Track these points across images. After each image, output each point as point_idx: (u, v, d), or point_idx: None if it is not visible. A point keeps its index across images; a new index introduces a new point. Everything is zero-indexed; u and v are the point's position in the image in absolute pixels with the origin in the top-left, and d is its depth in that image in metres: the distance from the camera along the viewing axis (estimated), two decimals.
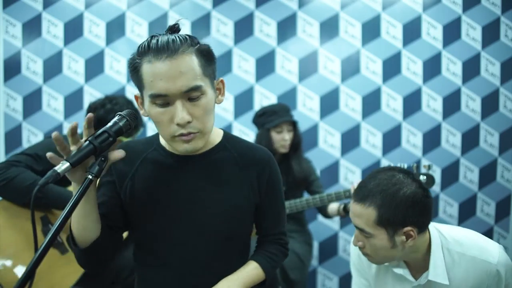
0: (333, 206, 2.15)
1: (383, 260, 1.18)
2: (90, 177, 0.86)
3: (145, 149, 1.08)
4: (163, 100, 0.92)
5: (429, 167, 1.71)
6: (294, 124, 2.23)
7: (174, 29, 0.97)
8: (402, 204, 1.08)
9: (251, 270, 1.11)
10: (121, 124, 0.91)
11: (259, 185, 1.09)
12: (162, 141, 1.08)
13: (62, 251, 1.66)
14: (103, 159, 0.88)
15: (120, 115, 0.92)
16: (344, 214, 2.07)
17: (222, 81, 1.03)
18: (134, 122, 0.94)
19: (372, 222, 1.10)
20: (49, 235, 0.78)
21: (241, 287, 1.06)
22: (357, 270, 1.38)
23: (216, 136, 1.10)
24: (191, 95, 0.92)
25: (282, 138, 2.18)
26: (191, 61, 0.91)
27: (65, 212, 0.81)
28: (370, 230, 1.11)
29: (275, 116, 2.18)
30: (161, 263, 1.07)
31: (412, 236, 1.10)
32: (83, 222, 0.95)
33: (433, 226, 1.20)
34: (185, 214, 1.04)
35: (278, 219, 1.17)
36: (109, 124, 0.90)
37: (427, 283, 1.18)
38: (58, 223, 0.80)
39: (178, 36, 0.93)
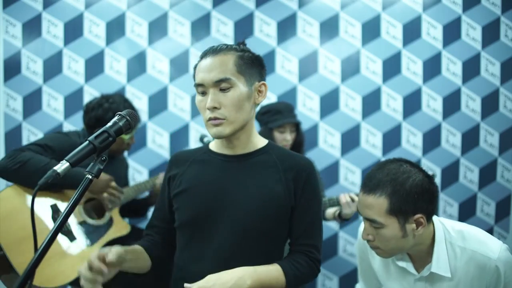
0: (329, 211, 2.17)
1: (392, 252, 1.19)
2: (89, 177, 0.86)
3: (195, 154, 1.24)
4: (202, 89, 1.09)
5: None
6: (297, 125, 2.23)
7: (240, 43, 1.20)
8: (412, 192, 1.11)
9: (271, 270, 1.09)
10: (120, 124, 0.93)
11: (295, 188, 1.14)
12: (212, 146, 1.23)
13: (71, 239, 1.69)
14: (103, 158, 0.88)
15: (120, 115, 0.94)
16: (339, 219, 2.10)
17: (264, 84, 1.17)
18: (134, 121, 0.95)
19: (384, 212, 1.12)
20: (49, 236, 0.79)
21: (255, 280, 1.04)
22: (362, 260, 1.42)
23: (261, 142, 1.21)
24: (221, 85, 1.07)
25: (284, 139, 2.17)
26: (227, 59, 1.09)
27: (66, 211, 0.82)
28: (382, 220, 1.12)
29: (279, 116, 2.17)
30: (197, 254, 1.13)
31: (422, 224, 1.12)
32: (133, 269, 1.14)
33: (437, 219, 1.22)
34: (222, 207, 1.12)
35: (310, 230, 1.17)
36: (109, 124, 0.92)
37: (430, 275, 1.19)
38: (58, 223, 0.81)
39: (229, 44, 1.14)
